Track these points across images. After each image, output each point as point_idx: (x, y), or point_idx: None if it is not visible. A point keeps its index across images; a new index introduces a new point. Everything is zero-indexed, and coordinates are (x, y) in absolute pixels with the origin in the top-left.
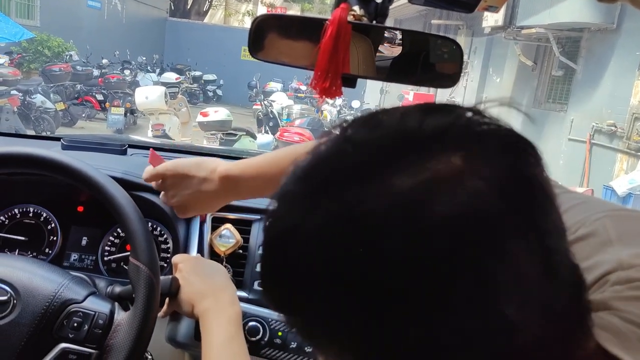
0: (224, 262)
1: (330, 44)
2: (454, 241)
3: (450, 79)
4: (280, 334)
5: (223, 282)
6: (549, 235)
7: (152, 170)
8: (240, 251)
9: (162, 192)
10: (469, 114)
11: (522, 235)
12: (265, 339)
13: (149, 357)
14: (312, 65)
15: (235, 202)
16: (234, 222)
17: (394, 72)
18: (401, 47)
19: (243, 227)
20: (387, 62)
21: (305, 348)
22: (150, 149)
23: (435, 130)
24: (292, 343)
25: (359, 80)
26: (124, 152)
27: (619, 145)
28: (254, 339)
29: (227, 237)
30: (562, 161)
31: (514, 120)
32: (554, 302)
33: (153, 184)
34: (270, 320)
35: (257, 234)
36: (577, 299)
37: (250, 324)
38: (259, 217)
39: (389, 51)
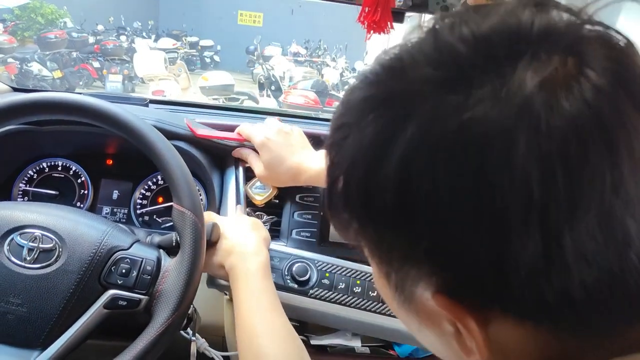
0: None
1: None
2: (585, 142)
3: None
4: (327, 274)
5: (249, 234)
6: None
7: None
8: (277, 201)
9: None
10: (573, 13)
11: None
12: (314, 279)
13: (192, 305)
14: None
15: None
16: None
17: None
18: None
19: None
20: None
21: (354, 288)
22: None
23: (547, 30)
24: (340, 283)
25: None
26: (146, 105)
27: None
28: (302, 279)
29: (263, 187)
30: None
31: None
32: None
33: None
34: (316, 261)
35: None
36: None
37: (298, 264)
38: None
39: None
